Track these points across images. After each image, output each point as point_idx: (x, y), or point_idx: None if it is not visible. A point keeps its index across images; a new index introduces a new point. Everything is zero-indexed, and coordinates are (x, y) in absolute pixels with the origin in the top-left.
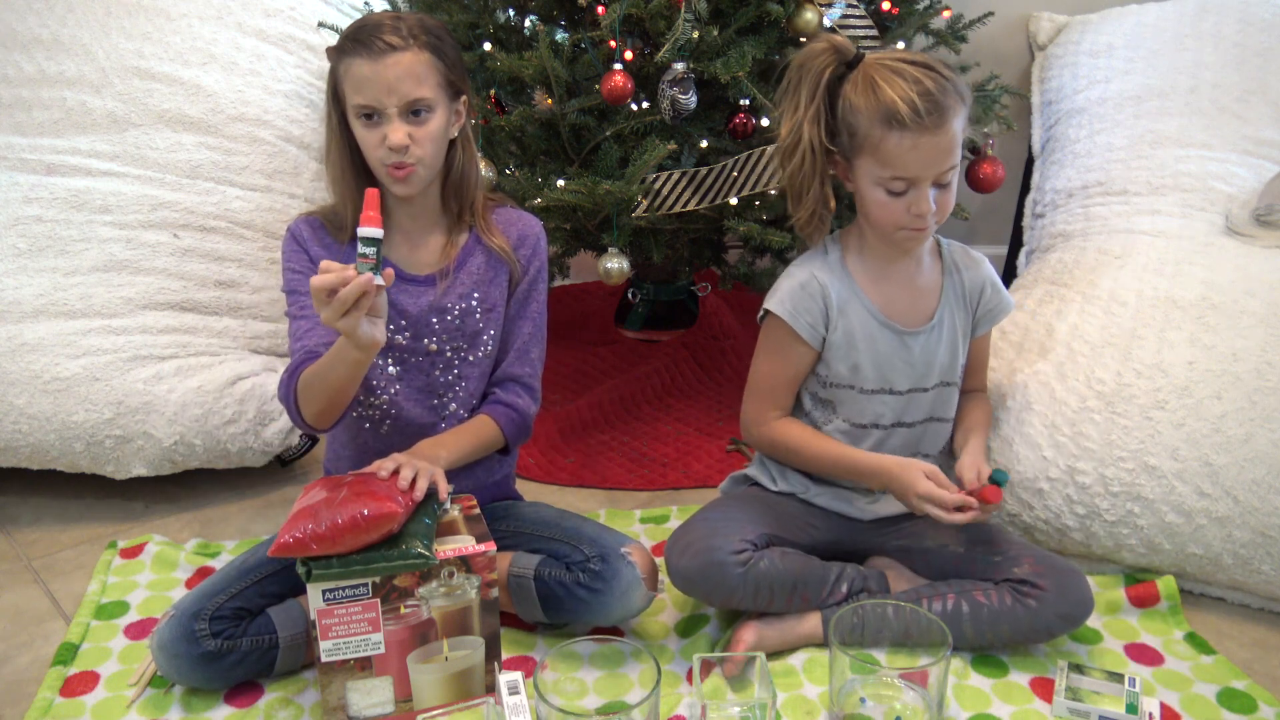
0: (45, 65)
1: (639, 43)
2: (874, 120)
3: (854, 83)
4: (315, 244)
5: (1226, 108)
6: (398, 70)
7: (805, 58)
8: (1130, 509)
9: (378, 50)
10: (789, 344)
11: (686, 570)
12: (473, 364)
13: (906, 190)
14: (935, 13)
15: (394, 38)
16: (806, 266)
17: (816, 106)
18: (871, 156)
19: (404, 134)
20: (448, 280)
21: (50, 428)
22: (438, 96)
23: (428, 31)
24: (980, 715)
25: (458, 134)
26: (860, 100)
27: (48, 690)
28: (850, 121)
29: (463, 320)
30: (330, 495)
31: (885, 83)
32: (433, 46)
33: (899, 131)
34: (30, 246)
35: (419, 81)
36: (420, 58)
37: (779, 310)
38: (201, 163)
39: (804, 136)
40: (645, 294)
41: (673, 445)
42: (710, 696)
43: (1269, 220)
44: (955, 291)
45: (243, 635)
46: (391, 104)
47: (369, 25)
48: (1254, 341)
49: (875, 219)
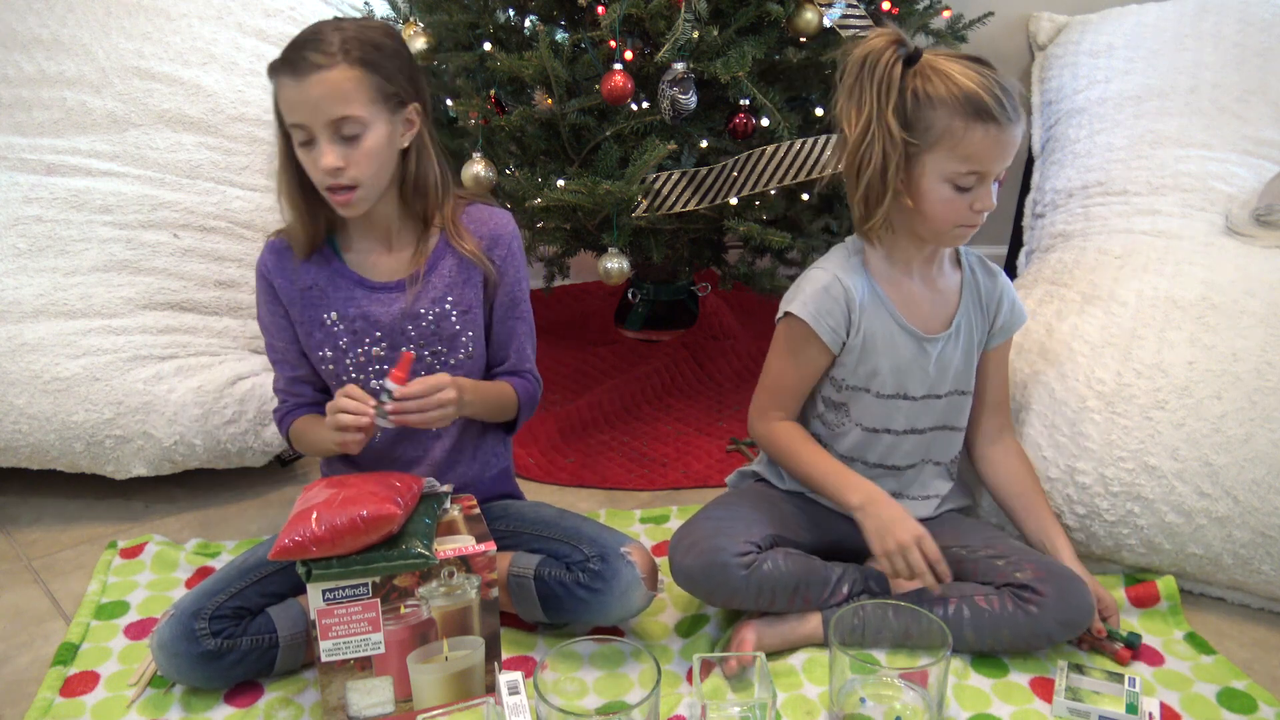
0: (45, 65)
1: (639, 43)
2: (955, 112)
3: (925, 76)
4: (279, 275)
5: (1226, 108)
6: (321, 89)
7: (870, 52)
8: (1130, 509)
9: (302, 69)
10: (806, 346)
11: (690, 569)
12: (454, 367)
13: (973, 186)
14: (935, 13)
15: (318, 55)
16: (829, 268)
17: (894, 99)
18: (947, 150)
19: (334, 157)
20: (418, 286)
21: (50, 428)
22: (372, 113)
23: (362, 44)
24: (980, 715)
25: (410, 143)
26: (940, 92)
27: (48, 690)
28: (925, 115)
29: (438, 324)
30: (330, 497)
31: (963, 75)
32: (365, 60)
33: (983, 124)
34: (30, 246)
35: (345, 100)
36: (348, 74)
37: (801, 313)
38: (201, 163)
39: (884, 130)
40: (645, 294)
41: (673, 445)
42: (710, 696)
43: (1269, 220)
44: (974, 299)
45: (243, 634)
46: (318, 124)
47: (298, 41)
48: (1254, 341)
49: (933, 216)
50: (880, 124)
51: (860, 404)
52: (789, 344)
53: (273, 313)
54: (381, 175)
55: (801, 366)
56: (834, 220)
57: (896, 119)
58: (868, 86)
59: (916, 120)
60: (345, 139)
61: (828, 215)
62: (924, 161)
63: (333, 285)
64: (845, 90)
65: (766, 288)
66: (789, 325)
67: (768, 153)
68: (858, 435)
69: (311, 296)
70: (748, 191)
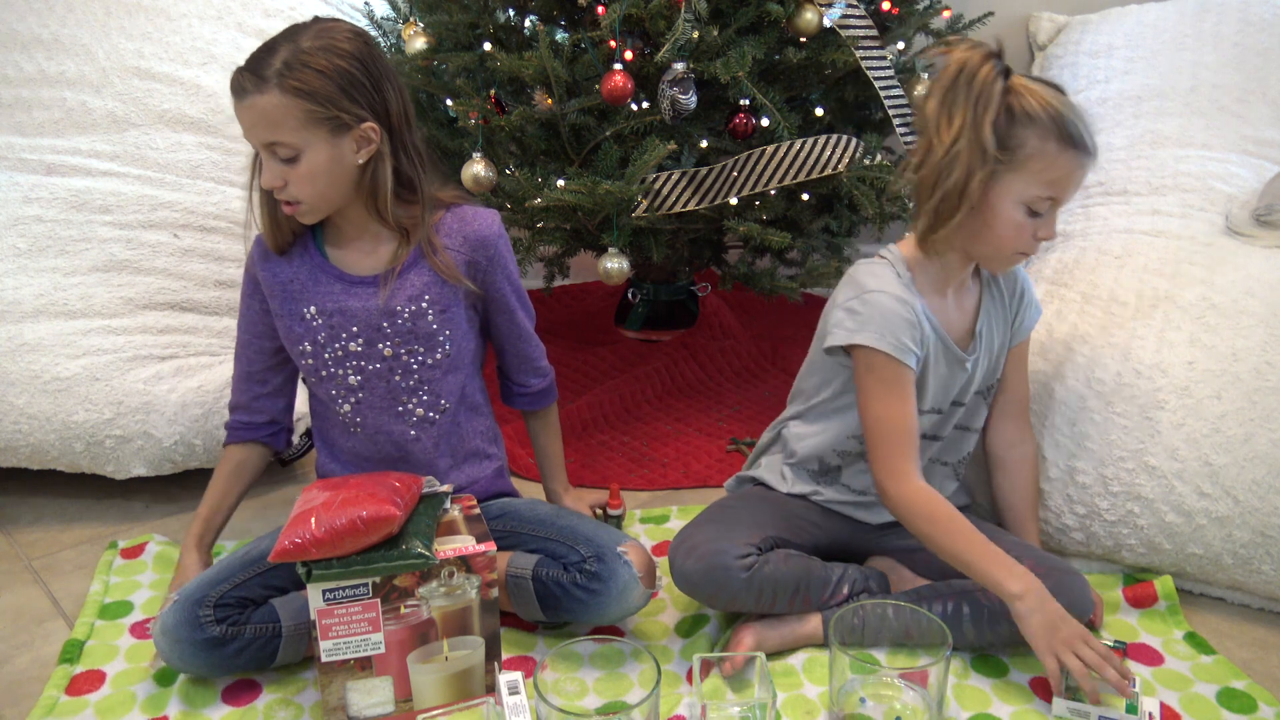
0: (45, 65)
1: (639, 43)
2: (1048, 134)
3: (1019, 94)
4: (263, 267)
5: (1226, 108)
6: (252, 114)
7: (968, 63)
8: (1130, 509)
9: (237, 91)
10: (900, 377)
11: (691, 573)
12: (432, 366)
13: (1044, 212)
14: (935, 13)
15: (251, 79)
16: (886, 289)
17: (992, 113)
18: (1033, 172)
19: (272, 176)
20: (391, 283)
21: (50, 428)
22: (304, 138)
23: (302, 68)
24: (980, 715)
25: (367, 160)
26: (1036, 111)
27: (53, 688)
28: (1017, 133)
29: (414, 322)
30: (329, 498)
31: (1055, 98)
32: (298, 89)
33: (1073, 150)
34: (30, 246)
35: (273, 126)
36: (277, 101)
37: (880, 345)
38: (201, 163)
39: (978, 142)
40: (645, 294)
41: (673, 445)
42: (710, 696)
43: (1269, 220)
44: (993, 303)
45: (246, 622)
46: (256, 143)
47: (251, 56)
48: (1254, 341)
49: (1000, 237)
50: (974, 136)
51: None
52: (882, 383)
53: (249, 306)
54: (330, 192)
55: (906, 400)
56: (834, 220)
57: (992, 134)
58: (963, 97)
59: (1008, 137)
60: (283, 160)
61: (828, 215)
62: (1005, 180)
63: (313, 279)
64: (938, 98)
65: (766, 288)
66: (869, 360)
67: (768, 153)
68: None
69: (292, 290)
70: (748, 191)
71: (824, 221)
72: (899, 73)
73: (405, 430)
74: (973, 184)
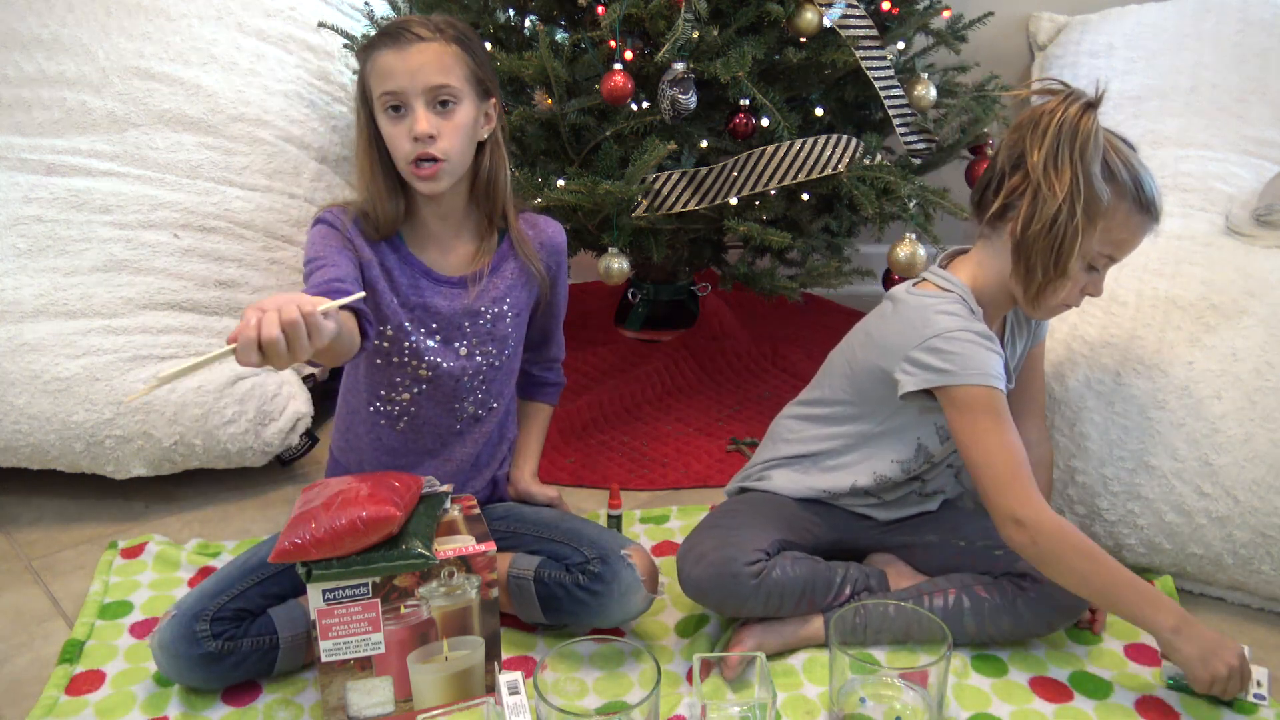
0: (45, 65)
1: (639, 43)
2: (1126, 195)
3: (1112, 151)
4: (356, 236)
5: (1226, 108)
6: (423, 58)
7: (1064, 117)
8: (1130, 508)
9: (404, 40)
10: (1005, 406)
11: (699, 580)
12: (498, 368)
13: (1100, 269)
14: (935, 13)
15: (422, 29)
16: (966, 325)
17: (1099, 164)
18: (1105, 230)
19: (428, 123)
20: (480, 284)
21: (50, 428)
22: (464, 89)
23: (457, 28)
24: (980, 715)
25: (487, 137)
26: (1120, 170)
27: (53, 688)
28: (1104, 188)
29: (494, 325)
30: (329, 499)
31: (1136, 162)
32: (461, 41)
33: (1144, 215)
34: (30, 246)
35: (445, 70)
36: (447, 49)
37: (986, 382)
38: (201, 163)
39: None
40: (645, 294)
41: (673, 445)
42: (710, 696)
43: (1269, 220)
44: (1019, 312)
45: (243, 636)
46: (416, 89)
47: (398, 21)
48: (1254, 341)
49: (1059, 292)
50: (1089, 191)
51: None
52: (990, 414)
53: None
54: (465, 156)
55: (1015, 427)
56: (834, 220)
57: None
58: (1067, 151)
59: (1097, 189)
60: (440, 109)
61: (828, 215)
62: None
63: (400, 270)
64: (1045, 155)
65: (766, 288)
66: (969, 399)
67: (768, 153)
68: (900, 462)
69: (376, 274)
70: (748, 191)
71: (824, 221)
72: (899, 73)
73: (453, 425)
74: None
